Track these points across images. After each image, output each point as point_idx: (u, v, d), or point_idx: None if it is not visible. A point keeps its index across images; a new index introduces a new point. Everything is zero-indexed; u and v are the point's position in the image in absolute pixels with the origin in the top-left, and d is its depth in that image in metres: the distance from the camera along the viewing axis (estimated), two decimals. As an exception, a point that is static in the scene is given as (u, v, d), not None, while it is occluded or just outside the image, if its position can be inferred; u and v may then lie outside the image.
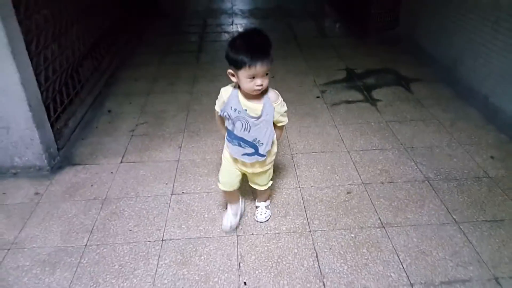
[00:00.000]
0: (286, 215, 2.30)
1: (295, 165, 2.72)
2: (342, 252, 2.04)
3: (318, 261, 2.00)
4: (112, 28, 4.63)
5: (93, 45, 4.04)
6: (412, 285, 1.85)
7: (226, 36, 5.47)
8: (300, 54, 4.69)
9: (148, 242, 2.16)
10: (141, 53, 4.87)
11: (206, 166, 2.76)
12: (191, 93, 3.82)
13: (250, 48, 1.59)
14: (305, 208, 2.34)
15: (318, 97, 3.68)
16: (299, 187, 2.50)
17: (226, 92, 1.79)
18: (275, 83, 3.84)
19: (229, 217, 2.15)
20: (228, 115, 1.77)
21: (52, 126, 2.86)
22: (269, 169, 2.01)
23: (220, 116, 1.86)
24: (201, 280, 1.93)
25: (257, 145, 1.82)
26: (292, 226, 2.22)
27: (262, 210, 2.24)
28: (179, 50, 5.00)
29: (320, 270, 1.95)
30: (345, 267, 1.96)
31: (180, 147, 2.99)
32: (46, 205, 2.46)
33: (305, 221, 2.25)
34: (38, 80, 2.69)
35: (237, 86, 1.75)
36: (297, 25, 5.85)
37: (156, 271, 1.98)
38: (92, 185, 2.62)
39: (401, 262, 1.97)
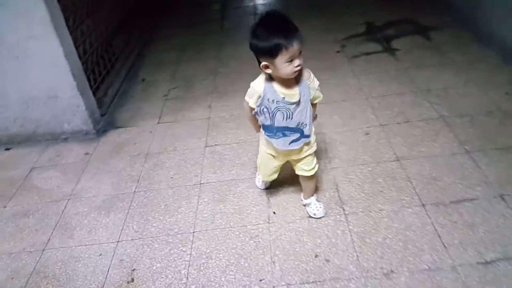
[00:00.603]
0: (308, 156, 2.53)
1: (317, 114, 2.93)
2: (360, 183, 2.27)
3: (338, 191, 2.23)
4: (137, 4, 4.87)
5: (122, 21, 4.32)
6: (423, 205, 2.06)
7: (247, 2, 5.61)
8: (319, 13, 4.78)
9: (188, 186, 2.45)
10: (166, 26, 5.10)
11: (235, 121, 3.01)
12: (218, 58, 4.05)
13: (281, 29, 1.52)
14: (326, 150, 2.56)
15: (338, 51, 3.82)
16: (321, 133, 2.71)
17: (259, 86, 1.70)
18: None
19: (262, 181, 2.29)
20: (267, 108, 1.71)
21: (93, 95, 3.18)
22: (315, 149, 1.95)
23: (252, 113, 1.80)
24: (236, 212, 2.21)
25: (302, 128, 1.77)
26: (314, 164, 2.45)
27: (316, 205, 2.10)
28: (203, 20, 5.20)
29: (340, 198, 2.19)
30: (362, 195, 2.19)
31: (210, 106, 3.25)
32: (96, 162, 2.80)
33: (326, 160, 2.47)
34: (77, 53, 2.99)
35: (269, 77, 1.69)
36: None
37: (197, 208, 2.28)
38: (135, 143, 2.93)
39: (414, 188, 2.17)
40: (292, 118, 1.72)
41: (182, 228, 2.17)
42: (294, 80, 1.67)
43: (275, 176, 2.08)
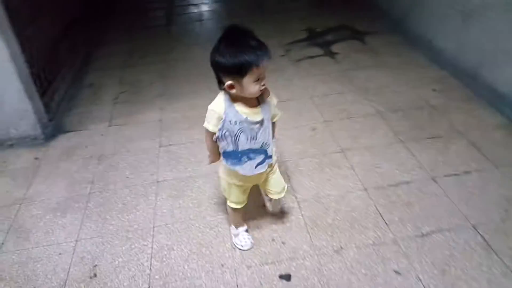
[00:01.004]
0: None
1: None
2: (309, 174, 2.45)
3: (290, 181, 2.40)
4: (82, 10, 4.81)
5: (67, 27, 4.25)
6: (366, 189, 2.28)
7: (192, 9, 5.71)
8: (264, 19, 5.00)
9: (145, 184, 2.51)
10: (112, 32, 5.07)
11: (187, 122, 3.09)
12: (167, 62, 4.10)
13: (251, 46, 1.40)
14: (278, 145, 2.72)
15: (283, 55, 4.03)
16: (270, 129, 2.87)
17: (218, 107, 1.55)
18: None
19: (245, 235, 2.01)
20: (229, 131, 1.57)
21: (40, 99, 3.12)
22: (277, 168, 1.88)
23: (213, 139, 1.65)
24: (195, 206, 2.30)
25: (265, 148, 1.68)
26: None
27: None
28: (149, 26, 5.23)
29: (292, 188, 2.35)
30: (312, 183, 2.37)
31: (161, 109, 3.31)
32: (47, 166, 2.76)
33: (278, 154, 2.63)
34: (24, 57, 2.94)
35: (229, 98, 1.55)
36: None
37: (155, 204, 2.34)
38: (86, 147, 2.92)
39: (356, 175, 2.39)
40: (256, 139, 1.61)
41: (141, 224, 2.22)
42: (255, 99, 1.56)
43: (246, 200, 1.94)
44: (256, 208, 2.22)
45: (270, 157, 1.72)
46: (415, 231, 2.00)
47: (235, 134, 1.58)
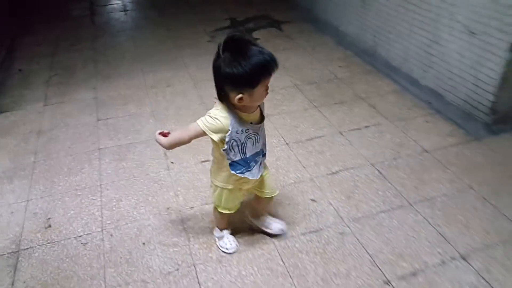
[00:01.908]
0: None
1: (197, 89, 3.40)
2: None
3: (222, 141, 2.74)
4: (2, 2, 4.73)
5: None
6: (287, 144, 2.69)
7: (115, 0, 5.80)
8: (190, 10, 5.28)
9: (88, 152, 2.69)
10: (37, 22, 5.03)
11: (123, 99, 3.30)
12: (95, 49, 4.23)
13: (264, 54, 1.37)
14: (209, 114, 3.05)
15: (209, 41, 4.35)
16: (203, 103, 3.19)
17: (225, 119, 1.48)
18: (170, 33, 4.46)
19: (230, 238, 1.96)
20: (237, 141, 1.52)
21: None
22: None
23: (193, 138, 1.58)
24: (138, 166, 2.55)
25: (262, 148, 1.68)
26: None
27: (272, 219, 2.03)
28: (72, 16, 5.27)
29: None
30: (242, 141, 2.73)
31: (95, 88, 3.47)
32: (-16, 143, 2.82)
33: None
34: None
35: (231, 106, 1.50)
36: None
37: (100, 167, 2.55)
38: (24, 124, 3.02)
39: (280, 134, 2.80)
40: (259, 142, 1.61)
41: (88, 183, 2.42)
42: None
43: (238, 206, 1.89)
44: (196, 164, 2.53)
45: (265, 154, 1.72)
46: (326, 171, 2.45)
47: (242, 142, 1.53)
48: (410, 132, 2.76)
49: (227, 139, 1.50)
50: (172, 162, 2.57)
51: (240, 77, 1.35)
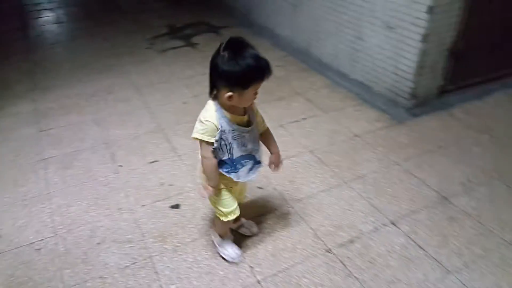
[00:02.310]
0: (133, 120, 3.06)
1: (140, 95, 3.47)
2: (186, 135, 2.91)
3: (169, 142, 2.83)
4: None
5: None
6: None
7: (47, 13, 5.69)
8: (125, 18, 5.31)
9: (32, 163, 2.68)
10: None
11: (64, 109, 3.29)
12: (30, 61, 4.15)
13: (261, 61, 1.43)
14: (154, 117, 3.13)
15: (148, 48, 4.42)
16: (146, 107, 3.27)
17: (213, 118, 1.52)
18: (107, 43, 4.47)
19: (233, 247, 1.95)
20: (225, 140, 1.56)
21: None
22: None
23: (211, 152, 1.58)
24: (85, 172, 2.58)
25: (254, 154, 1.69)
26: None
27: (250, 223, 2.09)
28: (3, 30, 5.10)
29: (174, 147, 2.79)
30: (189, 142, 2.83)
31: (34, 100, 3.43)
32: None
33: (156, 125, 3.04)
34: None
35: (219, 106, 1.54)
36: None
37: (46, 176, 2.55)
38: (-41, 140, 2.93)
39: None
40: (246, 146, 1.63)
41: (36, 193, 2.42)
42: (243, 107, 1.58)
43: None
44: (144, 166, 2.61)
45: (259, 162, 1.73)
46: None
47: (229, 143, 1.57)
48: (343, 120, 3.01)
49: (217, 137, 1.53)
50: (120, 166, 2.63)
51: (235, 75, 1.40)
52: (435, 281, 1.83)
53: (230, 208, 1.78)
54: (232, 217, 1.80)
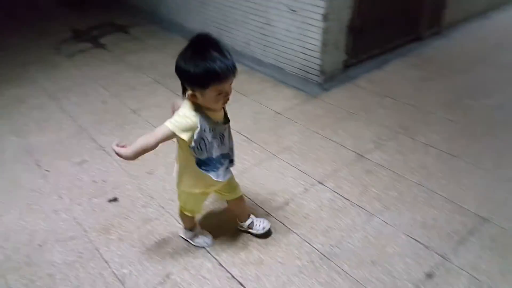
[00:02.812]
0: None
1: (54, 100, 3.36)
2: (112, 132, 2.91)
3: (97, 142, 2.81)
4: None
5: None
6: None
7: None
8: (28, 26, 5.04)
9: None
10: None
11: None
12: None
13: (218, 59, 1.33)
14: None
15: (55, 54, 4.25)
16: (63, 111, 3.18)
17: (194, 117, 1.46)
18: (9, 52, 4.22)
19: (203, 233, 2.00)
20: (204, 139, 1.51)
21: None
22: None
23: (162, 141, 1.48)
24: (11, 182, 2.48)
25: (230, 152, 1.68)
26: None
27: (259, 221, 2.01)
28: None
29: (101, 145, 2.77)
30: (115, 137, 2.84)
31: None
32: None
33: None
34: None
35: (198, 105, 1.48)
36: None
37: (-34, 191, 2.41)
38: None
39: (151, 124, 2.98)
40: (224, 144, 1.61)
41: (-42, 210, 2.28)
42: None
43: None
44: (72, 166, 2.58)
45: (232, 161, 1.72)
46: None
47: (209, 141, 1.53)
48: (263, 101, 3.22)
49: (195, 137, 1.48)
50: (47, 170, 2.56)
51: (191, 76, 1.36)
52: (362, 223, 2.08)
53: (195, 209, 1.88)
54: (191, 214, 1.89)
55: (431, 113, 2.96)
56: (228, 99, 1.46)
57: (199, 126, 1.47)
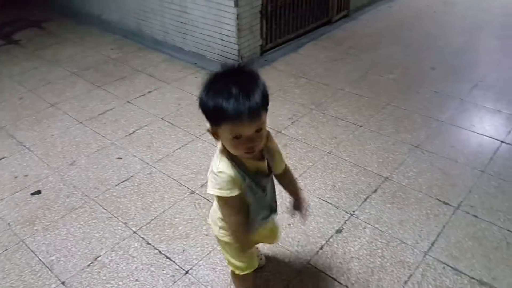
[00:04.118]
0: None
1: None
2: (30, 127, 2.85)
3: (15, 138, 2.75)
4: None
5: None
6: (81, 122, 2.89)
7: None
8: None
9: None
10: None
11: None
12: None
13: (232, 94, 1.06)
14: None
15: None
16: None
17: (228, 168, 1.20)
18: None
19: None
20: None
21: None
22: None
23: (238, 210, 1.27)
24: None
25: (272, 204, 1.41)
26: None
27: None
28: None
29: (17, 139, 2.72)
30: (36, 133, 2.79)
31: None
32: None
33: None
34: None
35: (227, 151, 1.21)
36: None
37: None
38: None
39: (71, 117, 2.96)
40: (266, 201, 1.36)
41: None
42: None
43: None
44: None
45: (275, 210, 1.45)
46: (124, 133, 2.77)
47: (248, 200, 1.28)
48: (185, 87, 3.30)
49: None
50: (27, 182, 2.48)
51: (202, 105, 1.14)
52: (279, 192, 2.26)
53: (250, 265, 1.50)
54: (248, 270, 1.50)
55: (340, 89, 3.22)
56: (252, 149, 1.14)
57: (240, 181, 1.22)
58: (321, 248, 1.94)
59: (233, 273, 1.54)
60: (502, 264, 1.83)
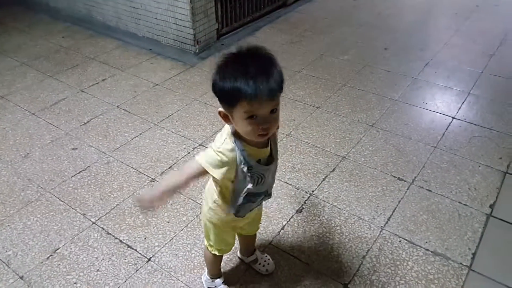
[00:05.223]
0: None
1: None
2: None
3: (-41, 132, 2.61)
4: None
5: None
6: (33, 113, 2.78)
7: None
8: None
9: None
10: None
11: None
12: None
13: (248, 73, 1.05)
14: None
15: None
16: None
17: (230, 153, 1.19)
18: None
19: (215, 281, 1.71)
20: (238, 179, 1.26)
21: None
22: None
23: (195, 179, 1.24)
24: None
25: (268, 189, 1.40)
26: None
27: (264, 259, 1.80)
28: None
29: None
30: (-17, 125, 2.67)
31: None
32: None
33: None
34: None
35: (237, 137, 1.19)
36: None
37: None
38: None
39: (23, 108, 2.84)
40: (263, 183, 1.31)
41: None
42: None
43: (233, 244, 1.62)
44: None
45: (270, 195, 1.44)
46: (79, 123, 2.70)
47: (240, 180, 1.26)
48: (141, 74, 3.24)
49: (232, 178, 1.25)
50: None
51: (217, 87, 1.12)
52: (239, 175, 2.28)
53: (220, 245, 1.53)
54: (221, 253, 1.56)
55: (297, 72, 3.26)
56: (266, 130, 1.12)
57: (238, 165, 1.21)
58: (282, 229, 1.99)
59: (207, 249, 1.58)
60: (454, 235, 1.93)
